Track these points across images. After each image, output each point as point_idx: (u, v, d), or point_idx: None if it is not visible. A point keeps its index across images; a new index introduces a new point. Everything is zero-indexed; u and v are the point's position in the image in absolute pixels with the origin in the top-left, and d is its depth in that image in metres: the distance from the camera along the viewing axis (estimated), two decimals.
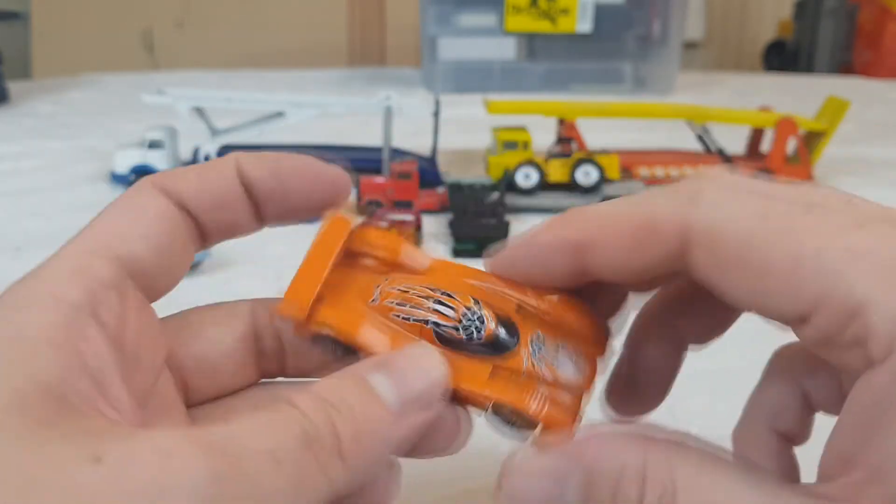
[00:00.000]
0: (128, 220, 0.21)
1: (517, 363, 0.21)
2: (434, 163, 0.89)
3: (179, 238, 0.21)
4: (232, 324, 0.23)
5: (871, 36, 1.94)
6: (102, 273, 0.19)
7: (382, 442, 0.18)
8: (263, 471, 0.16)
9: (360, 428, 0.18)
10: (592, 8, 1.42)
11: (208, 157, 0.87)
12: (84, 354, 0.17)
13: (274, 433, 0.17)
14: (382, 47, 2.11)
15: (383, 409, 0.18)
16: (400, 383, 0.19)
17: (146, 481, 0.15)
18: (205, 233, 0.22)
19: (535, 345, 0.21)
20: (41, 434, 0.15)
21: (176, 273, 0.22)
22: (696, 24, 2.13)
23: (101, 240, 0.20)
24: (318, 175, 0.23)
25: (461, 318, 0.21)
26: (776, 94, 1.48)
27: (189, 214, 0.22)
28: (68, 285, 0.18)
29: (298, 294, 0.21)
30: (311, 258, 0.22)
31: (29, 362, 0.17)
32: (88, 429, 0.16)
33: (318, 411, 0.17)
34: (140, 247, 0.20)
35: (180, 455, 0.15)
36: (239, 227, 0.23)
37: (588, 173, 0.84)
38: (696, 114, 0.94)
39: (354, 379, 0.19)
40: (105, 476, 0.15)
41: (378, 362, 0.19)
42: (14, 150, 1.02)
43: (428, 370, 0.20)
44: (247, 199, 0.22)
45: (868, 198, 0.18)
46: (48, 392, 0.16)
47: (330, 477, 0.17)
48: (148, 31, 2.05)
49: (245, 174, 0.22)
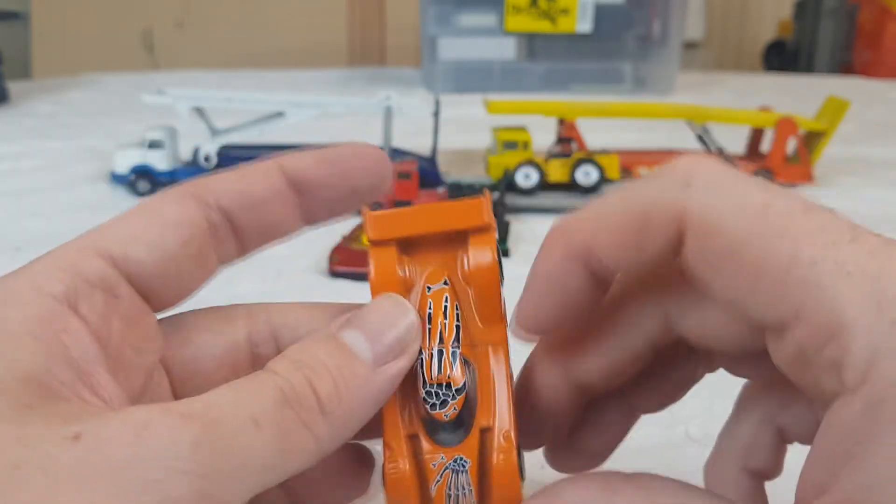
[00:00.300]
0: (136, 224, 0.20)
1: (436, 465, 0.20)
2: (434, 163, 0.89)
3: (196, 247, 0.21)
4: (225, 331, 0.23)
5: (871, 36, 1.94)
6: (89, 270, 0.19)
7: (362, 394, 0.18)
8: (243, 434, 0.16)
9: (339, 383, 0.18)
10: (592, 8, 1.42)
11: (208, 157, 0.87)
12: (66, 345, 0.18)
13: (251, 397, 0.17)
14: (382, 47, 2.12)
15: (358, 363, 0.19)
16: (371, 336, 0.19)
17: (125, 454, 0.15)
18: (243, 238, 0.22)
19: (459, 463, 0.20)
20: (21, 416, 0.16)
21: (186, 282, 0.21)
22: (696, 24, 2.13)
23: (100, 239, 0.20)
24: (362, 158, 0.22)
25: (433, 387, 0.20)
26: (776, 94, 1.48)
27: (225, 219, 0.21)
28: (51, 279, 0.18)
29: (389, 225, 0.21)
30: (426, 211, 0.21)
31: (10, 353, 0.17)
32: (68, 411, 0.16)
33: (294, 372, 0.18)
34: (141, 250, 0.20)
35: (157, 426, 0.15)
36: (282, 227, 0.23)
37: (588, 173, 0.84)
38: (696, 114, 0.94)
39: (327, 338, 0.19)
40: (82, 453, 0.15)
41: (348, 320, 0.20)
42: (14, 150, 1.02)
43: (397, 319, 0.20)
44: (293, 196, 0.22)
45: (868, 198, 0.18)
46: (29, 379, 0.16)
47: (315, 433, 0.17)
48: (148, 31, 2.05)
49: (291, 170, 0.22)
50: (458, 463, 0.20)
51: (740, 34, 2.32)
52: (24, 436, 0.15)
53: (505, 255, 0.69)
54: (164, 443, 0.15)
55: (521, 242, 0.72)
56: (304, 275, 0.62)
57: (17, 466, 0.15)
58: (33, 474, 0.15)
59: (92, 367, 0.18)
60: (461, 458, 0.20)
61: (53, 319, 0.18)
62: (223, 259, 0.22)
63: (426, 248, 0.22)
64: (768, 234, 0.17)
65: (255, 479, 0.16)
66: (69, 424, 0.15)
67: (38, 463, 0.15)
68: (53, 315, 0.18)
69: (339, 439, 0.18)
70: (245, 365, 0.23)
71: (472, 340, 0.21)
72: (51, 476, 0.15)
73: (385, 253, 0.21)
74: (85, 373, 0.18)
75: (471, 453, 0.20)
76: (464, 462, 0.20)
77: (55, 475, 0.15)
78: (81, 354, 0.18)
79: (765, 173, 0.92)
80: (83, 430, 0.15)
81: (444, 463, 0.20)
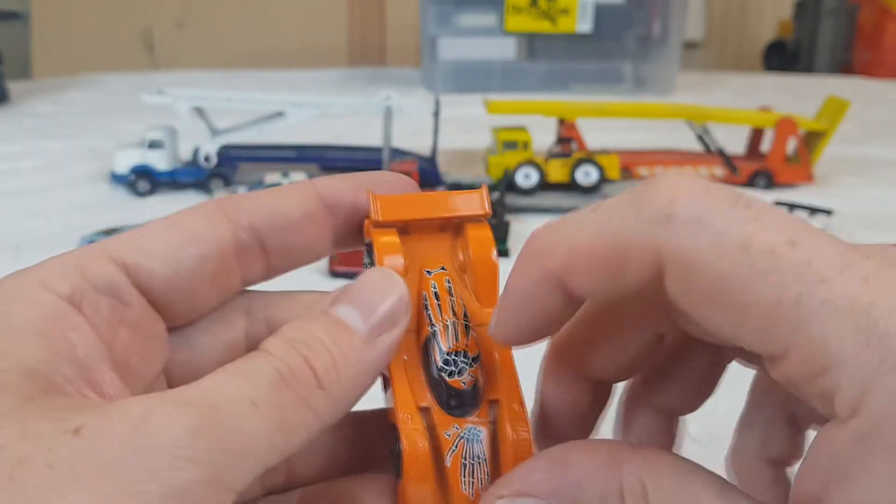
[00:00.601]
0: (156, 234, 0.20)
1: (450, 432, 0.20)
2: (434, 163, 0.89)
3: (215, 265, 0.21)
4: (224, 332, 0.23)
5: (871, 36, 1.94)
6: (98, 273, 0.19)
7: (359, 366, 0.19)
8: (242, 416, 0.16)
9: (335, 357, 0.18)
10: (592, 8, 1.42)
11: (208, 157, 0.87)
12: (72, 343, 0.18)
13: (247, 379, 0.17)
14: (382, 47, 2.12)
15: (353, 336, 0.19)
16: (364, 308, 0.19)
17: (127, 446, 0.15)
18: (271, 259, 0.22)
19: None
20: (23, 410, 0.16)
21: (200, 300, 0.21)
22: (696, 24, 2.14)
23: (117, 245, 0.20)
24: (394, 185, 0.23)
25: (451, 355, 0.21)
26: (776, 94, 1.48)
27: (255, 239, 0.21)
28: (58, 279, 0.18)
29: (394, 209, 0.22)
30: (428, 198, 0.22)
31: (15, 349, 0.17)
32: (67, 404, 0.16)
33: (289, 350, 0.18)
34: (154, 261, 0.20)
35: (156, 415, 0.16)
36: (313, 250, 0.23)
37: (588, 173, 0.84)
38: (696, 114, 0.94)
39: (320, 314, 0.19)
40: (85, 446, 0.15)
41: (340, 295, 0.20)
42: (14, 150, 1.02)
43: (388, 291, 0.20)
44: (327, 220, 0.22)
45: (868, 198, 0.18)
46: (32, 374, 0.16)
47: (314, 409, 0.18)
48: (148, 31, 2.05)
49: (327, 193, 0.22)
50: (471, 432, 0.20)
51: (740, 34, 2.32)
52: (27, 431, 0.15)
53: (505, 255, 0.69)
54: (164, 432, 0.15)
55: (521, 242, 0.72)
56: (305, 275, 0.62)
57: (21, 462, 0.15)
58: (38, 469, 0.15)
59: (97, 364, 0.18)
60: (474, 427, 0.21)
61: (60, 318, 0.18)
62: (248, 279, 0.22)
63: (418, 234, 0.22)
64: (751, 274, 0.16)
65: (258, 460, 0.17)
66: (69, 418, 0.16)
67: (43, 458, 0.15)
68: (60, 313, 0.18)
69: (339, 412, 0.18)
70: None
71: (474, 321, 0.22)
72: (56, 470, 0.15)
73: (387, 236, 0.22)
74: (90, 370, 0.18)
75: (483, 424, 0.21)
76: (477, 431, 0.21)
77: (59, 469, 0.15)
78: (87, 353, 0.18)
79: (765, 173, 0.92)
80: (83, 424, 0.15)
81: (458, 433, 0.20)
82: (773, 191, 0.90)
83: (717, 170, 0.92)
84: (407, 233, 0.22)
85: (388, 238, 0.22)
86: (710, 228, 0.16)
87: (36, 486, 0.15)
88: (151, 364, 0.21)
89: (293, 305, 0.23)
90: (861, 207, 0.83)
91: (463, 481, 0.20)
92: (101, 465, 0.15)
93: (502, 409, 0.21)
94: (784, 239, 0.16)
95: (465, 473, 0.20)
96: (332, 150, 0.94)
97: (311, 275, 0.61)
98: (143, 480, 0.15)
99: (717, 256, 0.16)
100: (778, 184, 0.91)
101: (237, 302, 0.23)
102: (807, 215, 0.72)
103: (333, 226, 0.22)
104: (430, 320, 0.21)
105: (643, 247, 0.17)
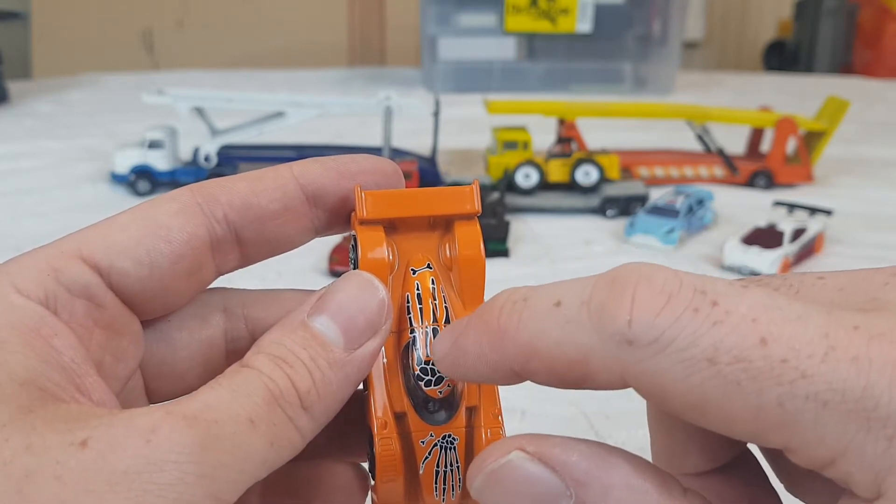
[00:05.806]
0: (128, 231, 0.20)
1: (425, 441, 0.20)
2: (434, 163, 0.89)
3: (189, 263, 0.20)
4: (202, 330, 0.22)
5: (871, 36, 1.94)
6: (71, 276, 0.19)
7: (338, 381, 0.19)
8: (242, 434, 0.17)
9: (315, 377, 0.18)
10: (592, 8, 1.42)
11: (208, 157, 0.87)
12: (57, 351, 0.18)
13: (247, 398, 0.17)
14: (382, 47, 2.12)
15: (333, 352, 0.19)
16: (342, 321, 0.19)
17: (136, 458, 0.15)
18: (247, 250, 0.22)
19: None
20: (25, 422, 0.16)
21: (174, 297, 0.21)
22: (696, 24, 2.14)
23: (87, 243, 0.20)
24: (376, 171, 0.22)
25: (429, 364, 0.20)
26: (776, 94, 1.48)
27: (231, 231, 0.21)
28: (32, 284, 0.18)
29: (381, 206, 0.21)
30: (417, 195, 0.21)
31: (2, 358, 0.17)
32: (68, 414, 0.16)
33: (275, 369, 0.18)
34: (127, 263, 0.19)
35: (164, 430, 0.16)
36: (291, 240, 0.22)
37: (588, 173, 0.84)
38: (696, 114, 0.94)
39: (299, 327, 0.19)
40: (93, 460, 0.15)
41: (318, 304, 0.19)
42: (14, 150, 1.02)
43: (367, 300, 0.20)
44: (306, 208, 0.22)
45: (868, 198, 0.17)
46: (27, 384, 0.16)
47: (299, 427, 0.18)
48: (148, 31, 2.05)
49: (306, 180, 0.22)
50: (446, 440, 0.20)
51: (740, 34, 2.32)
52: (32, 444, 0.15)
53: (505, 255, 0.69)
54: (174, 447, 0.15)
55: (521, 242, 0.72)
56: (304, 275, 0.62)
57: (28, 475, 0.15)
58: (47, 482, 0.15)
59: (83, 370, 0.18)
60: (450, 435, 0.20)
61: (41, 324, 0.18)
62: (222, 269, 0.22)
63: (406, 231, 0.22)
64: (724, 386, 0.15)
65: (252, 475, 0.17)
66: (73, 430, 0.16)
67: (51, 471, 0.15)
68: (40, 319, 0.18)
69: (319, 427, 0.19)
70: (219, 360, 0.23)
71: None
72: (65, 484, 0.15)
73: (372, 233, 0.21)
74: (78, 376, 0.18)
75: (458, 431, 0.21)
76: (452, 439, 0.21)
77: (69, 482, 0.15)
78: (73, 358, 0.18)
79: (765, 173, 0.92)
80: (89, 436, 0.15)
81: (433, 440, 0.20)
82: (773, 191, 0.90)
83: (717, 170, 0.92)
84: (395, 228, 0.22)
85: (372, 233, 0.21)
86: (674, 346, 0.15)
87: (46, 500, 0.15)
88: (126, 363, 0.20)
89: (272, 305, 0.23)
90: (861, 207, 0.83)
91: (436, 488, 0.20)
92: (112, 478, 0.15)
93: (479, 416, 0.21)
94: (755, 339, 0.15)
95: (437, 480, 0.20)
96: (332, 150, 0.94)
97: (311, 275, 0.61)
98: (154, 494, 0.15)
99: (685, 375, 0.15)
100: (778, 184, 0.91)
101: (213, 299, 0.23)
102: (807, 215, 0.72)
103: (314, 216, 0.22)
104: (410, 324, 0.21)
105: (608, 367, 0.16)
